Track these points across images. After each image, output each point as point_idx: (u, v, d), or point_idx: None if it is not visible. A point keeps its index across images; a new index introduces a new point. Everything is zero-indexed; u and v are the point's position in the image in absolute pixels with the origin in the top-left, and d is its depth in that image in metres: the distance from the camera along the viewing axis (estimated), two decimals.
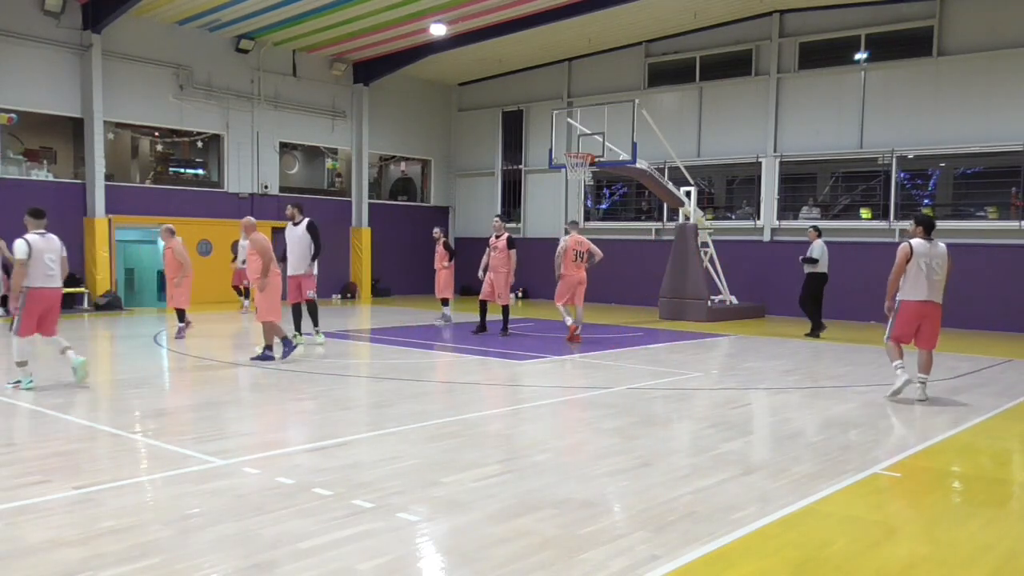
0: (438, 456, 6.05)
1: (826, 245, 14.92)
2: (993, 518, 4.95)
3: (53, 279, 8.53)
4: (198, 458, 5.84)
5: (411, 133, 25.06)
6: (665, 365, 11.10)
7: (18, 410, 7.51)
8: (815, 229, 15.11)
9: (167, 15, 18.83)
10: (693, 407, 8.31)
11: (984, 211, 17.28)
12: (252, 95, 20.96)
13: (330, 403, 8.30)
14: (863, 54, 18.61)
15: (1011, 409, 8.36)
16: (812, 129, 19.19)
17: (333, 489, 5.11)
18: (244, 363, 10.41)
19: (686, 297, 17.48)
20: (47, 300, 8.55)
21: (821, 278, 14.80)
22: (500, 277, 13.90)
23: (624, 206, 23.12)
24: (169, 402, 8.31)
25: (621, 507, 4.97)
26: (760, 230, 19.93)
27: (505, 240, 13.91)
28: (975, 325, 16.49)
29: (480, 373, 10.33)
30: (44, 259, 8.42)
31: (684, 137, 20.72)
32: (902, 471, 5.98)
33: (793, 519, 4.78)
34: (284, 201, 21.68)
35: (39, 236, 8.48)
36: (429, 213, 25.38)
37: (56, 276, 8.57)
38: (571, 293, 13.15)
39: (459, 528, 4.51)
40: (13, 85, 17.17)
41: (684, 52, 21.21)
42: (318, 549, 4.11)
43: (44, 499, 4.87)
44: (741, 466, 5.90)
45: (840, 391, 9.25)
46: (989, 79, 16.97)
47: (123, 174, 20.02)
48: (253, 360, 10.44)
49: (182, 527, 4.41)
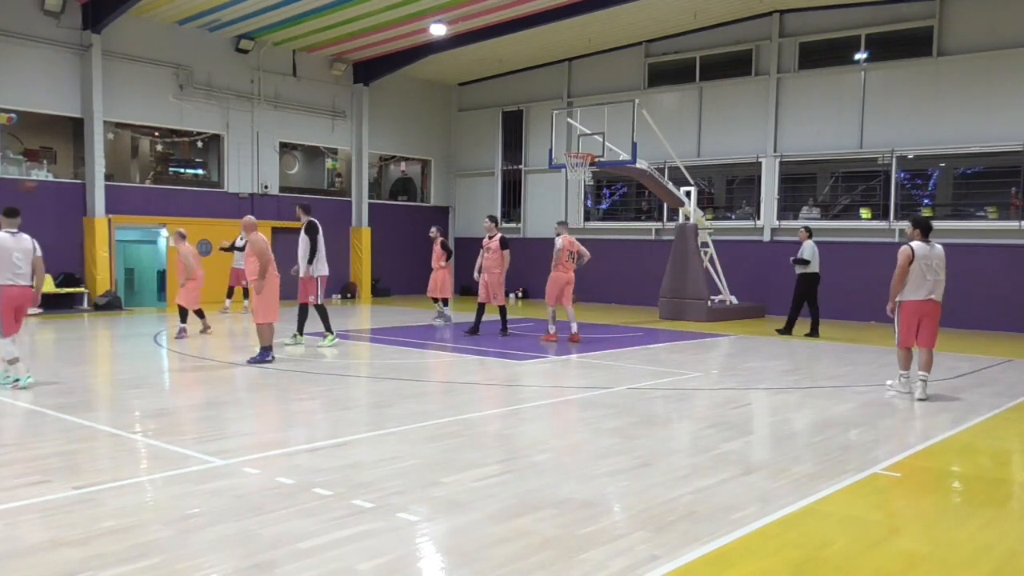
0: (438, 456, 6.05)
1: (816, 245, 14.89)
2: (993, 518, 4.95)
3: (22, 277, 8.64)
4: (198, 458, 5.84)
5: (411, 133, 25.05)
6: (665, 365, 11.10)
7: (18, 410, 7.51)
8: (806, 229, 15.10)
9: (167, 15, 18.83)
10: (693, 407, 8.31)
11: (984, 211, 17.28)
12: (252, 95, 20.95)
13: (330, 403, 8.30)
14: (863, 54, 18.60)
15: (1011, 409, 8.36)
16: (812, 129, 19.19)
17: (333, 489, 5.11)
18: (243, 364, 10.40)
19: (686, 297, 17.48)
20: (17, 298, 8.63)
21: (813, 278, 14.77)
22: (494, 278, 13.94)
23: (624, 206, 23.12)
24: (169, 402, 8.31)
25: (621, 507, 4.97)
26: (760, 230, 19.93)
27: (498, 240, 13.93)
28: (975, 325, 16.49)
29: (480, 373, 10.32)
30: (12, 258, 8.54)
31: (684, 137, 20.72)
32: (902, 471, 5.98)
33: (793, 519, 4.78)
34: (284, 201, 21.76)
35: (10, 235, 8.63)
36: (429, 213, 25.37)
37: (25, 275, 8.67)
38: (559, 292, 13.19)
39: (459, 528, 4.51)
40: (13, 85, 17.17)
41: (684, 52, 21.21)
42: (318, 549, 4.11)
43: (44, 499, 4.87)
44: (741, 466, 5.90)
45: (840, 391, 9.25)
46: (989, 79, 16.96)
47: (123, 174, 20.02)
48: (250, 362, 10.45)
49: (182, 527, 4.41)
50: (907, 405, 8.46)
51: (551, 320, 13.48)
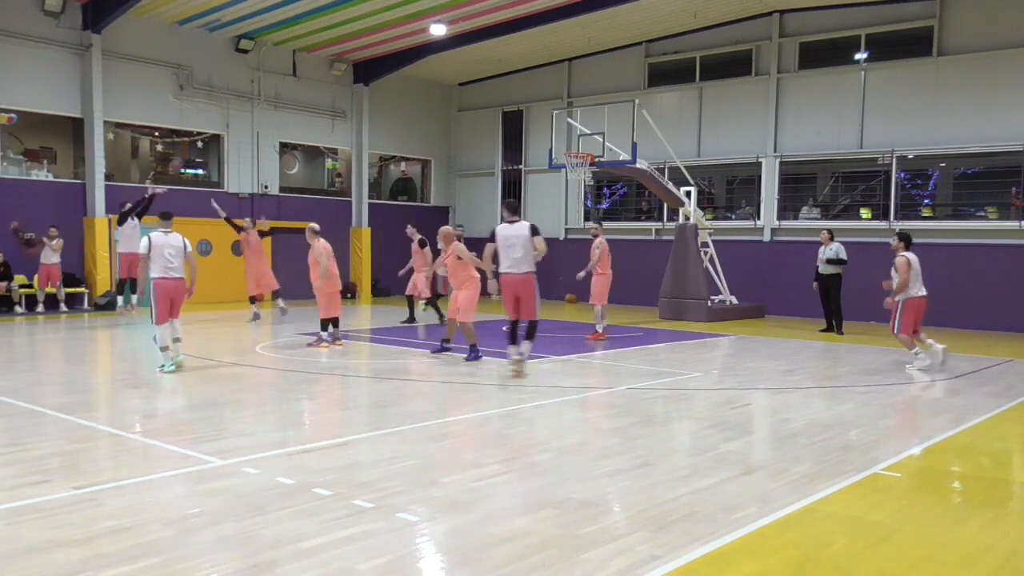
0: (438, 456, 6.04)
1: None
2: (993, 518, 4.95)
3: (174, 271, 9.69)
4: (198, 458, 5.84)
5: (411, 133, 25.05)
6: (665, 365, 11.10)
7: (18, 410, 7.51)
8: (829, 232, 15.73)
9: (167, 15, 18.83)
10: (693, 407, 8.31)
11: (984, 211, 17.28)
12: (252, 95, 20.95)
13: (330, 403, 8.30)
14: (863, 54, 18.60)
15: (1011, 409, 8.35)
16: (812, 129, 19.19)
17: (333, 489, 5.11)
18: (242, 364, 10.40)
19: (686, 297, 17.48)
20: (170, 290, 9.65)
21: (839, 278, 15.54)
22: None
23: (624, 206, 23.12)
24: (169, 402, 8.31)
25: (621, 507, 4.97)
26: (760, 230, 19.93)
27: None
28: (975, 325, 16.49)
29: (480, 373, 10.32)
30: (164, 254, 9.59)
31: (684, 137, 20.72)
32: (902, 471, 5.98)
33: (793, 519, 4.78)
34: (284, 201, 21.77)
35: (162, 234, 9.73)
36: (429, 213, 25.36)
37: (177, 268, 9.72)
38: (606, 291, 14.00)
39: (459, 528, 4.50)
40: (13, 85, 17.18)
41: (684, 52, 21.21)
42: (318, 549, 4.12)
43: (44, 499, 4.87)
44: (741, 466, 5.90)
45: (840, 391, 9.25)
46: (989, 79, 16.96)
47: (123, 174, 20.02)
48: (467, 360, 10.74)
49: (182, 527, 4.41)
50: (907, 406, 8.46)
51: (600, 319, 13.84)
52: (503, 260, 9.82)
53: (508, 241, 9.73)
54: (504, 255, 9.80)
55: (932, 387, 9.64)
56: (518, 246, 9.67)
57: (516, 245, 9.68)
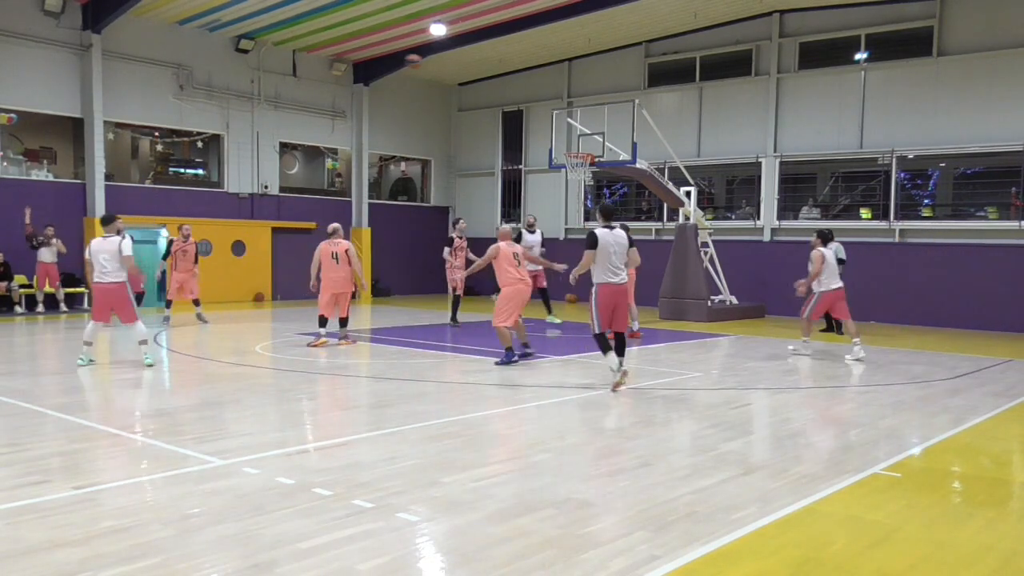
0: (438, 456, 6.04)
1: None
2: (993, 518, 4.95)
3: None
4: (198, 458, 5.84)
5: (411, 133, 25.05)
6: (665, 365, 11.10)
7: (18, 410, 7.51)
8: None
9: (167, 15, 18.83)
10: (693, 407, 8.31)
11: (984, 211, 17.28)
12: (252, 95, 20.95)
13: (330, 403, 8.30)
14: (863, 54, 18.60)
15: (1011, 409, 8.36)
16: (812, 129, 19.19)
17: (333, 489, 5.11)
18: (242, 364, 10.40)
19: (686, 297, 17.47)
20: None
21: None
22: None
23: (624, 206, 23.10)
24: (169, 402, 8.31)
25: (621, 507, 4.97)
26: (760, 230, 19.93)
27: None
28: (975, 325, 16.48)
29: (480, 373, 10.31)
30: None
31: (684, 137, 20.72)
32: (902, 471, 5.98)
33: (793, 519, 4.79)
34: (284, 201, 21.77)
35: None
36: (429, 213, 25.39)
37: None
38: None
39: (459, 528, 4.51)
40: (13, 85, 17.17)
41: (684, 52, 21.20)
42: (318, 549, 4.12)
43: (44, 499, 4.87)
44: (741, 466, 5.90)
45: (840, 391, 9.25)
46: (989, 79, 16.96)
47: (123, 174, 20.02)
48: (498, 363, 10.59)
49: (182, 527, 4.41)
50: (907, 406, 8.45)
51: (634, 318, 13.42)
52: (602, 270, 9.03)
53: (610, 248, 9.03)
54: (604, 264, 9.01)
55: (931, 386, 9.64)
56: (622, 254, 9.13)
57: (620, 253, 9.11)
